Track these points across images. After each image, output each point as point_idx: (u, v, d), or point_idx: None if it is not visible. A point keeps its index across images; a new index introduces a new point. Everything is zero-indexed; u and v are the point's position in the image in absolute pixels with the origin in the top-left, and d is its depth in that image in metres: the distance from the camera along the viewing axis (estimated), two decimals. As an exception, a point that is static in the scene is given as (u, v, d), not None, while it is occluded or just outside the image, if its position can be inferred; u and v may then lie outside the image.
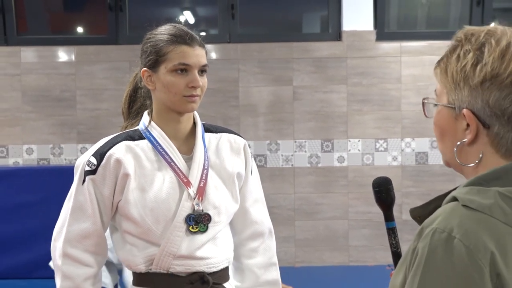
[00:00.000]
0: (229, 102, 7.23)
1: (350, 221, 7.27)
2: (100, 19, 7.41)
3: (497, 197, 1.20)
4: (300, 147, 7.28)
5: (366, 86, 7.25)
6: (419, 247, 1.21)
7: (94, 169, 2.15)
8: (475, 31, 1.31)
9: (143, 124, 2.24)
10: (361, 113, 7.27)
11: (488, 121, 1.27)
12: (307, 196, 7.27)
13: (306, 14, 7.62)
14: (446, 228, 1.19)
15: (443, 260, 1.17)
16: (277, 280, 2.41)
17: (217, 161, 2.27)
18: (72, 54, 7.25)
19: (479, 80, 1.25)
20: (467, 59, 1.27)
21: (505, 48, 1.25)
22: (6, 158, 7.27)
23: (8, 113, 7.24)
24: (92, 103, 7.20)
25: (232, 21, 7.27)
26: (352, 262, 7.23)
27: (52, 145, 7.27)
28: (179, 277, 2.17)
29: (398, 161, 7.29)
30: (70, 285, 2.18)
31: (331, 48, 7.25)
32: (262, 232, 2.39)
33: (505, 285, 1.15)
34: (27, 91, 7.24)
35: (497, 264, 1.15)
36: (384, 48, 7.25)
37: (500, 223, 1.19)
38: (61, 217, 2.25)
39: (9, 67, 7.22)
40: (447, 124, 1.33)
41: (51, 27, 7.61)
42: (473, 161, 1.30)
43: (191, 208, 2.16)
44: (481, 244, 1.16)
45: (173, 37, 2.16)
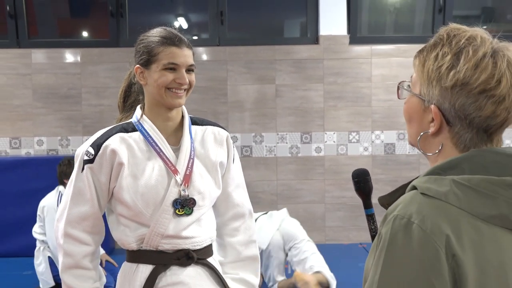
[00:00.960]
0: (218, 99, 7.23)
1: (326, 204, 7.29)
2: (102, 25, 7.38)
3: (452, 185, 1.20)
4: (282, 139, 7.28)
5: (340, 84, 7.25)
6: (382, 232, 1.22)
7: (92, 158, 2.14)
8: (457, 32, 1.28)
9: (135, 117, 2.23)
10: (336, 109, 7.28)
11: (451, 121, 1.26)
12: (288, 183, 7.28)
13: (287, 20, 7.61)
14: (406, 215, 1.19)
15: (403, 244, 1.17)
16: (256, 255, 2.42)
17: (202, 151, 2.26)
18: (78, 56, 7.22)
19: (451, 84, 1.23)
20: (444, 61, 1.25)
21: (480, 60, 1.22)
22: (19, 149, 7.24)
23: (21, 109, 7.21)
24: (96, 100, 7.20)
25: (221, 26, 7.26)
26: (328, 241, 7.25)
27: (60, 137, 7.25)
28: (166, 253, 2.17)
29: (368, 151, 7.30)
30: (70, 261, 2.18)
31: (309, 50, 7.25)
32: (243, 214, 2.39)
33: (460, 265, 1.15)
34: (37, 89, 7.21)
35: (452, 246, 1.15)
36: (356, 50, 7.25)
37: (455, 208, 1.19)
38: (63, 201, 2.24)
39: (21, 68, 7.19)
40: (415, 112, 1.32)
41: (58, 32, 7.57)
42: (433, 151, 1.31)
43: (178, 194, 2.15)
44: (437, 228, 1.16)
45: (164, 39, 2.16)
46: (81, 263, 2.19)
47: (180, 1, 7.62)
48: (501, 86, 1.22)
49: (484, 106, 1.22)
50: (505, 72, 1.22)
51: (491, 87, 1.21)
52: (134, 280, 2.17)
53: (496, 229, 1.19)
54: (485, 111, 1.23)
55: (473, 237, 1.17)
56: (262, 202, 7.10)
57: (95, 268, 2.24)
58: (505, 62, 1.23)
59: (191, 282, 2.18)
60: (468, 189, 1.19)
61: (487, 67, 1.22)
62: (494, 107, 1.22)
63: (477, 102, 1.22)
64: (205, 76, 7.07)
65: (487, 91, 1.21)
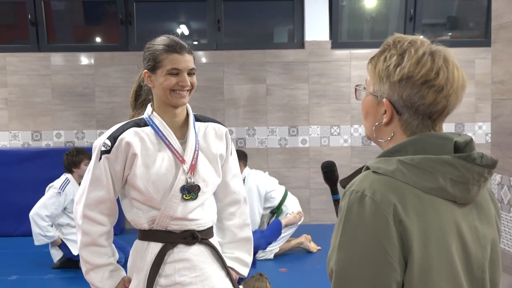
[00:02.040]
0: (216, 97, 7.22)
1: (311, 189, 7.30)
2: (113, 31, 7.35)
3: (398, 164, 1.25)
4: (272, 132, 7.28)
5: (323, 84, 7.25)
6: (341, 205, 1.27)
7: (109, 149, 2.14)
8: (401, 38, 1.33)
9: (147, 114, 2.23)
10: (320, 106, 7.28)
11: (400, 110, 1.31)
12: (277, 170, 7.27)
13: (276, 27, 7.60)
14: (360, 189, 1.24)
15: (358, 213, 1.22)
16: (249, 237, 2.43)
17: (204, 145, 2.26)
18: (92, 59, 7.19)
19: (398, 78, 1.29)
20: (391, 61, 1.30)
21: (420, 57, 1.28)
22: (40, 141, 7.22)
23: (41, 106, 7.19)
24: (108, 98, 7.17)
25: (218, 33, 7.24)
26: (313, 221, 7.27)
27: (76, 130, 7.23)
28: (174, 233, 2.17)
29: (348, 143, 7.31)
30: (88, 239, 2.18)
31: (296, 54, 7.23)
32: (239, 200, 2.40)
33: (406, 228, 1.20)
34: (56, 88, 7.19)
35: (399, 213, 1.20)
36: (337, 54, 7.24)
37: (401, 182, 1.24)
38: (81, 187, 2.24)
39: (41, 69, 7.17)
40: (370, 107, 1.37)
41: (74, 37, 7.53)
42: (386, 138, 1.35)
43: (185, 181, 2.15)
44: (386, 199, 1.21)
45: (167, 47, 2.15)
46: (97, 241, 2.18)
47: (182, 10, 7.59)
48: (439, 78, 1.27)
49: (427, 95, 1.28)
50: (442, 66, 1.28)
51: (431, 78, 1.27)
52: (145, 256, 2.17)
53: (435, 199, 1.25)
54: (428, 99, 1.28)
55: (416, 206, 1.22)
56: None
57: (110, 245, 2.24)
58: (441, 59, 1.29)
59: (195, 259, 2.18)
60: (412, 166, 1.25)
61: (427, 63, 1.28)
62: (435, 96, 1.28)
63: (421, 92, 1.28)
64: (204, 77, 7.06)
65: (428, 81, 1.27)
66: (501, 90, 2.23)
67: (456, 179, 1.25)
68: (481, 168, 1.26)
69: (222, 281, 2.24)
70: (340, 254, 1.23)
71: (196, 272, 2.17)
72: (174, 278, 2.15)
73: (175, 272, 2.15)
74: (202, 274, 2.18)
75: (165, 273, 2.15)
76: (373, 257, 1.19)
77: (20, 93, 7.18)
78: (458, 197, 1.27)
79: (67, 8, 7.54)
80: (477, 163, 1.26)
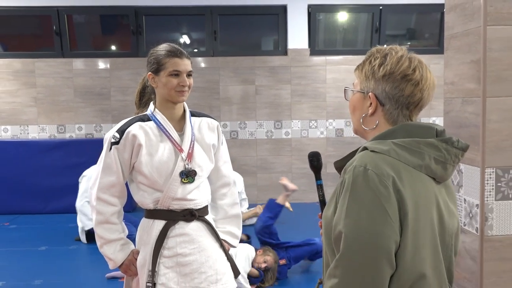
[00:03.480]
0: (213, 96, 7.19)
1: (293, 173, 7.30)
2: (126, 40, 7.30)
3: (392, 145, 1.28)
4: (260, 126, 7.27)
5: (303, 85, 7.24)
6: (345, 178, 1.26)
7: (118, 141, 2.11)
8: (382, 47, 1.38)
9: (150, 111, 2.20)
10: (300, 103, 7.27)
11: (383, 102, 1.34)
12: (264, 158, 7.27)
13: (263, 37, 7.57)
14: (362, 164, 1.25)
15: (363, 184, 1.22)
16: (239, 214, 2.41)
17: (199, 136, 2.24)
18: (108, 64, 7.14)
19: (381, 74, 1.32)
20: (376, 62, 1.34)
21: (400, 57, 1.32)
22: (64, 133, 7.18)
23: (65, 103, 7.15)
24: (121, 96, 7.14)
25: (215, 42, 7.20)
26: (294, 200, 7.25)
27: (95, 124, 7.19)
28: (175, 212, 2.15)
29: (324, 134, 7.31)
30: (102, 218, 2.15)
31: (280, 60, 7.21)
32: (229, 183, 2.39)
33: (402, 196, 1.22)
34: (77, 88, 7.14)
35: (396, 184, 1.22)
36: (315, 60, 7.23)
37: (395, 160, 1.26)
38: (95, 173, 2.21)
39: (65, 72, 7.12)
40: (358, 103, 1.38)
41: (93, 45, 7.47)
42: (372, 126, 1.37)
43: (183, 167, 2.13)
44: (385, 172, 1.23)
45: (169, 52, 2.13)
46: (110, 219, 2.16)
47: (184, 23, 7.55)
48: (416, 74, 1.31)
49: (405, 88, 1.31)
50: (418, 65, 1.33)
51: (409, 74, 1.31)
52: (151, 231, 2.15)
53: (422, 174, 1.28)
54: (406, 91, 1.31)
55: (409, 179, 1.25)
56: (245, 172, 7.10)
57: (120, 223, 2.21)
58: (417, 61, 1.34)
59: (193, 233, 2.16)
60: (403, 147, 1.27)
61: (405, 62, 1.32)
62: (412, 88, 1.31)
63: (400, 85, 1.31)
64: (203, 79, 7.05)
65: (406, 76, 1.30)
66: (451, 90, 2.22)
67: (438, 158, 1.28)
68: (457, 150, 1.31)
69: (217, 251, 2.22)
70: (348, 218, 1.21)
71: (195, 245, 2.15)
72: (176, 250, 2.13)
73: (176, 245, 2.13)
74: (199, 246, 2.16)
75: (168, 245, 2.13)
76: (378, 220, 1.19)
77: (47, 92, 7.12)
78: (437, 174, 1.30)
79: (86, 21, 7.47)
80: (455, 146, 1.31)
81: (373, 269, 1.18)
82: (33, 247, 5.38)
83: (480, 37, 2.00)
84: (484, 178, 2.02)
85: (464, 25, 2.11)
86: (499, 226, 2.04)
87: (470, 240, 2.10)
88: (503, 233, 2.04)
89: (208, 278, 2.15)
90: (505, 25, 1.99)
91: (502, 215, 2.04)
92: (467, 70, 2.09)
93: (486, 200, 2.03)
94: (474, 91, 2.05)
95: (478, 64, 2.01)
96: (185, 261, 2.12)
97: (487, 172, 2.02)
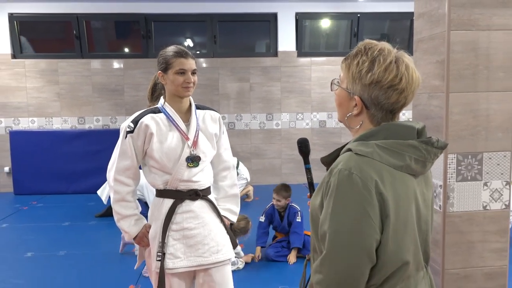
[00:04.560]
0: (213, 92, 7.16)
1: (282, 159, 7.31)
2: (137, 43, 7.25)
3: (375, 147, 1.18)
4: (254, 118, 7.25)
5: (291, 83, 7.22)
6: (331, 181, 1.17)
7: (132, 130, 2.09)
8: (372, 45, 1.23)
9: (160, 104, 2.18)
10: (288, 98, 7.26)
11: (369, 106, 1.23)
12: (257, 145, 7.28)
13: (257, 41, 7.54)
14: (347, 168, 1.16)
15: (347, 187, 1.15)
16: (237, 193, 2.40)
17: (203, 126, 2.22)
18: (121, 64, 7.08)
19: (369, 82, 1.20)
20: (363, 67, 1.21)
21: (388, 65, 1.19)
22: (84, 125, 7.14)
23: (84, 98, 7.10)
24: (134, 92, 7.09)
25: (214, 45, 7.15)
26: (284, 181, 7.24)
27: (111, 117, 7.15)
28: (182, 192, 2.14)
29: (309, 126, 7.31)
30: (118, 197, 2.14)
31: (272, 61, 7.18)
32: (229, 167, 2.37)
33: (384, 198, 1.15)
34: (95, 85, 7.08)
35: (379, 187, 1.14)
36: (301, 61, 7.20)
37: (378, 162, 1.17)
38: (112, 158, 2.20)
39: (84, 71, 7.05)
40: (343, 100, 1.27)
41: (108, 48, 7.40)
42: (356, 126, 1.26)
43: (189, 153, 2.11)
44: (369, 176, 1.14)
45: (175, 53, 2.10)
46: (125, 198, 2.15)
47: (188, 28, 7.49)
48: (402, 83, 1.20)
49: (391, 96, 1.20)
50: (404, 73, 1.20)
51: (395, 83, 1.19)
52: (161, 208, 2.14)
53: (403, 174, 1.20)
54: (391, 99, 1.21)
55: (391, 181, 1.17)
56: (242, 158, 7.10)
57: (134, 201, 2.20)
58: (403, 66, 1.21)
59: (198, 210, 2.16)
60: (385, 149, 1.18)
61: (393, 70, 1.19)
62: (397, 96, 1.21)
63: (386, 94, 1.20)
64: (204, 77, 7.02)
65: (393, 86, 1.20)
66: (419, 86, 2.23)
67: (418, 158, 1.21)
68: (437, 149, 1.24)
69: (218, 225, 2.22)
70: (333, 220, 1.15)
71: (199, 220, 2.15)
72: (183, 224, 2.13)
73: (183, 220, 2.13)
74: (203, 221, 2.16)
75: (176, 221, 2.12)
76: (360, 221, 1.13)
77: (69, 89, 7.07)
78: (417, 172, 1.23)
79: (103, 26, 7.39)
80: (435, 146, 1.23)
81: (354, 265, 1.14)
82: (58, 223, 5.38)
83: (444, 40, 2.00)
84: (446, 162, 2.03)
85: (430, 30, 2.11)
86: (459, 204, 2.06)
87: (435, 216, 2.12)
88: (462, 209, 2.06)
89: (210, 249, 2.16)
90: (466, 30, 1.99)
91: (461, 195, 2.06)
92: (433, 69, 2.10)
93: (448, 182, 2.04)
94: (438, 87, 2.06)
95: (443, 64, 2.02)
96: (191, 234, 2.13)
97: (449, 158, 2.03)
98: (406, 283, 1.21)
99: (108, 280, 3.75)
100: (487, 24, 1.98)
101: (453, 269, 2.07)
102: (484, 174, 2.06)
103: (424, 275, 1.28)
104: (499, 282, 2.10)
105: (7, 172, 7.03)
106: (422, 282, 1.26)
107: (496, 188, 2.07)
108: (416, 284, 1.23)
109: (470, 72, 2.00)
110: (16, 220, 5.54)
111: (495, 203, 2.08)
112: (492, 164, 2.06)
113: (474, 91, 2.01)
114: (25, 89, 7.01)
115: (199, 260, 2.13)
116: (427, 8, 2.14)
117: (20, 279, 3.82)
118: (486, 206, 2.07)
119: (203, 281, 2.18)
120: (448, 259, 2.06)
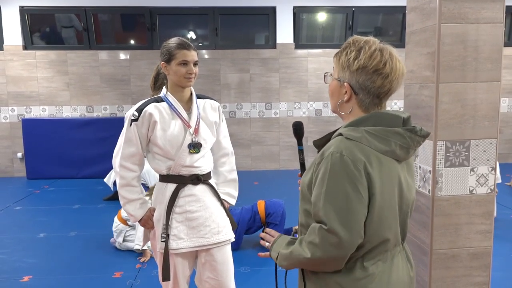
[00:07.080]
0: (215, 82, 7.12)
1: (280, 146, 7.30)
2: (142, 36, 7.19)
3: (363, 132, 1.22)
4: (253, 107, 7.23)
5: (289, 74, 7.19)
6: (323, 163, 1.21)
7: (136, 118, 2.08)
8: (358, 39, 1.28)
9: (163, 93, 2.16)
10: (286, 88, 7.22)
11: (357, 91, 1.26)
12: (257, 133, 7.27)
13: (257, 33, 7.48)
14: (339, 151, 1.20)
15: (339, 167, 1.18)
16: (235, 178, 2.39)
17: (204, 114, 2.21)
18: (128, 55, 7.04)
19: (356, 68, 1.24)
20: (351, 55, 1.25)
21: (373, 52, 1.23)
22: (92, 113, 7.11)
23: (93, 88, 7.06)
24: (139, 82, 7.06)
25: (216, 37, 7.10)
26: (282, 167, 7.30)
27: (118, 105, 7.13)
28: (185, 177, 2.13)
29: (306, 114, 7.29)
30: (124, 182, 2.13)
31: (271, 53, 7.13)
32: (228, 153, 2.36)
33: (371, 178, 1.19)
34: (102, 75, 7.05)
35: (367, 168, 1.18)
36: (299, 53, 7.15)
37: (366, 146, 1.21)
38: (117, 145, 2.18)
39: (92, 62, 7.01)
40: (335, 89, 1.31)
41: (115, 40, 7.34)
42: (346, 111, 1.30)
43: (191, 140, 2.10)
44: (358, 158, 1.18)
45: (178, 45, 2.08)
46: (131, 183, 2.14)
47: (191, 21, 7.42)
48: (386, 68, 1.23)
49: (376, 80, 1.23)
50: (388, 59, 1.23)
51: (380, 68, 1.23)
52: (165, 192, 2.14)
53: (389, 159, 1.24)
54: (377, 83, 1.23)
55: (377, 163, 1.21)
56: (242, 145, 7.11)
57: (139, 186, 2.19)
58: (388, 54, 1.24)
59: (199, 194, 2.16)
60: (373, 135, 1.22)
61: (377, 56, 1.23)
62: (382, 81, 1.23)
63: (372, 78, 1.23)
64: (206, 68, 6.98)
65: (378, 70, 1.23)
66: (411, 77, 2.21)
67: (402, 145, 1.24)
68: (420, 137, 1.27)
69: (218, 208, 2.22)
70: (327, 197, 1.18)
71: (200, 203, 2.15)
72: (185, 207, 2.13)
73: (185, 204, 2.13)
74: (204, 204, 2.16)
75: (179, 204, 2.12)
76: (352, 197, 1.16)
77: (78, 79, 7.03)
78: (401, 157, 1.26)
79: (109, 19, 7.33)
80: (418, 134, 1.25)
81: (347, 239, 1.17)
82: (68, 206, 5.39)
83: (435, 33, 1.98)
84: (436, 149, 2.03)
85: (422, 23, 2.09)
86: (447, 188, 2.06)
87: (424, 200, 2.12)
88: (449, 193, 2.06)
89: (211, 230, 2.16)
90: (456, 23, 1.97)
91: (449, 179, 2.06)
92: (424, 61, 2.08)
93: (437, 167, 2.04)
94: (429, 78, 2.04)
95: (433, 56, 2.00)
96: (193, 216, 2.13)
97: (438, 144, 2.03)
98: (384, 255, 1.27)
99: (115, 258, 3.78)
100: (476, 18, 1.96)
101: (440, 249, 2.08)
102: (471, 160, 2.05)
103: (401, 250, 1.34)
104: (484, 261, 2.11)
105: (20, 157, 7.04)
106: (398, 256, 1.32)
107: (482, 174, 2.07)
108: (393, 257, 1.29)
109: (459, 63, 1.98)
110: (29, 203, 5.55)
111: (481, 188, 2.08)
112: (478, 151, 2.05)
113: (462, 82, 2.00)
114: (36, 79, 6.98)
115: (201, 241, 2.14)
116: (419, 2, 2.11)
117: (34, 258, 3.85)
118: (472, 191, 2.07)
119: (205, 261, 2.19)
120: (436, 240, 2.07)
